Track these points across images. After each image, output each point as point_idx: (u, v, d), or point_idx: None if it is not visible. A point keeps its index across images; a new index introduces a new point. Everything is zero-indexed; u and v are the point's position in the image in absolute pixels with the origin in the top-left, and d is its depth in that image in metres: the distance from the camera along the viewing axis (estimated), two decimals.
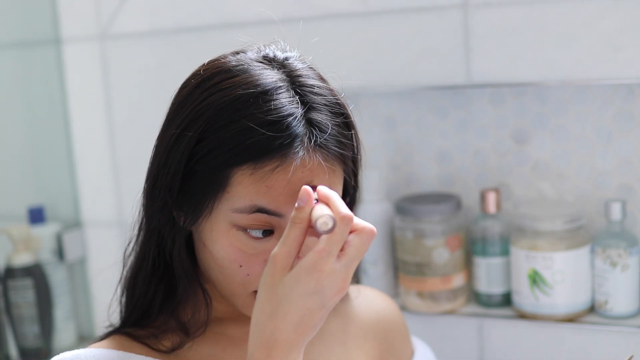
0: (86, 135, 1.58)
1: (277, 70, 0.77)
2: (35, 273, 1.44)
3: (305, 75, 0.77)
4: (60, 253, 1.53)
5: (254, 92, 0.74)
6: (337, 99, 0.78)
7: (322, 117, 0.75)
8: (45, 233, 1.51)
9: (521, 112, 1.24)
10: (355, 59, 1.29)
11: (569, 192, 1.23)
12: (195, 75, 0.79)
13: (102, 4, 1.49)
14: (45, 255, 1.51)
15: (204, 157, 0.74)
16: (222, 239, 0.75)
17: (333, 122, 0.76)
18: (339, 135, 0.76)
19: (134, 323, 0.84)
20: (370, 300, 0.98)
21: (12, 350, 1.46)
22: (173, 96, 0.80)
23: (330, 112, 0.76)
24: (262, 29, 1.05)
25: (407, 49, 1.26)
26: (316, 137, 0.74)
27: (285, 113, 0.73)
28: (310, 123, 0.74)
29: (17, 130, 1.60)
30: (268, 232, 0.75)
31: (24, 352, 1.46)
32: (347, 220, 0.67)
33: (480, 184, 1.28)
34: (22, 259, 1.43)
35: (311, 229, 0.69)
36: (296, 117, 0.73)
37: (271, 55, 0.79)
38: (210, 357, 0.82)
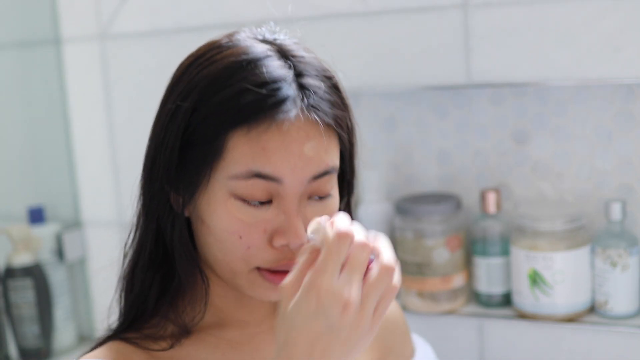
0: (86, 135, 1.58)
1: (267, 44, 0.79)
2: (35, 273, 1.44)
3: (294, 49, 0.79)
4: (60, 253, 1.53)
5: (245, 58, 0.75)
6: (324, 68, 0.79)
7: (312, 81, 0.76)
8: (45, 233, 1.51)
9: (521, 112, 1.24)
10: (355, 59, 1.29)
11: (569, 192, 1.23)
12: (188, 57, 0.81)
13: (102, 4, 1.49)
14: (45, 255, 1.51)
15: (199, 125, 0.74)
16: (220, 210, 0.75)
17: (324, 86, 0.77)
18: (331, 100, 0.77)
19: (130, 325, 0.83)
20: None
21: (12, 350, 1.46)
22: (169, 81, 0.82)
23: (320, 78, 0.78)
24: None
25: (407, 49, 1.26)
26: (308, 98, 0.75)
27: (276, 75, 0.74)
28: (301, 86, 0.76)
29: (17, 130, 1.60)
30: (266, 200, 0.75)
31: (24, 352, 1.46)
32: (342, 237, 0.65)
33: (480, 184, 1.29)
34: (22, 259, 1.43)
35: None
36: (287, 79, 0.75)
37: (260, 35, 0.81)
38: None
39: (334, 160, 0.78)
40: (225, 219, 0.75)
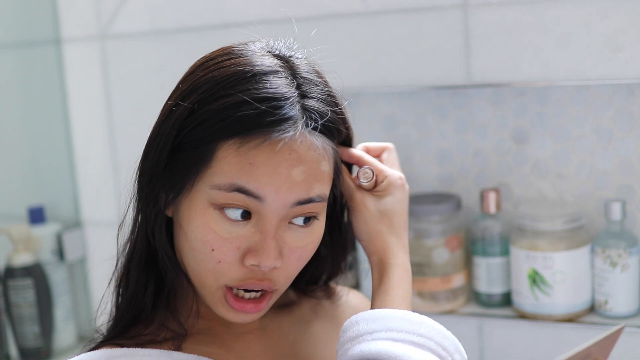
0: (86, 135, 1.58)
1: (279, 59, 0.78)
2: (35, 273, 1.44)
3: (306, 70, 0.78)
4: (60, 253, 1.53)
5: (251, 70, 0.74)
6: (333, 94, 0.78)
7: (317, 104, 0.75)
8: (45, 233, 1.51)
9: (521, 112, 1.24)
10: (355, 59, 1.29)
11: (569, 192, 1.23)
12: (201, 58, 0.80)
13: (102, 4, 1.49)
14: (45, 255, 1.51)
15: (194, 129, 0.73)
16: (198, 219, 0.74)
17: (329, 112, 0.76)
18: (333, 127, 0.77)
19: (127, 330, 0.81)
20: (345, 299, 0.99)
21: (12, 350, 1.46)
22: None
23: (326, 104, 0.76)
24: (262, 29, 1.05)
25: (407, 49, 1.26)
26: (309, 121, 0.74)
27: (280, 92, 0.73)
28: (304, 108, 0.74)
29: (17, 130, 1.60)
30: (245, 215, 0.74)
31: (24, 352, 1.46)
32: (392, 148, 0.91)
33: (480, 184, 1.29)
34: (22, 259, 1.43)
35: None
36: (291, 99, 0.73)
37: (276, 49, 0.80)
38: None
39: (323, 189, 0.76)
40: (200, 228, 0.74)
